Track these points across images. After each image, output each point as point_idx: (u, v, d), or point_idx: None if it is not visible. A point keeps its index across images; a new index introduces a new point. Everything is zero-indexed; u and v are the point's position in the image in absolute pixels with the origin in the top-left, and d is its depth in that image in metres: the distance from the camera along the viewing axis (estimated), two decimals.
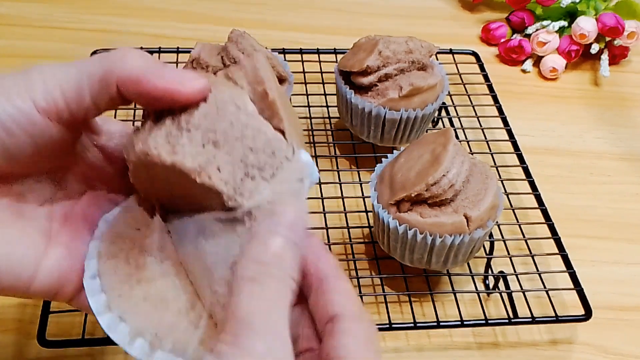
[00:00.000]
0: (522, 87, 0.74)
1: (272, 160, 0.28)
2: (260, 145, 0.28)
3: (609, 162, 0.66)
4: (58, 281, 0.30)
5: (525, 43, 0.75)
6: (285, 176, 0.28)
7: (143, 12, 0.78)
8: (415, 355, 0.48)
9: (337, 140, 0.64)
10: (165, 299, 0.29)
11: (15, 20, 0.74)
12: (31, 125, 0.27)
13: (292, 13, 0.81)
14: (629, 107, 0.73)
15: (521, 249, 0.54)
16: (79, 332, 0.45)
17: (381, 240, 0.50)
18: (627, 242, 0.58)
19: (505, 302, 0.50)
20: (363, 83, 0.55)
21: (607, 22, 0.72)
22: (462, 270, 0.53)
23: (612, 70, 0.75)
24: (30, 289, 0.29)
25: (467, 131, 0.64)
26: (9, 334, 0.46)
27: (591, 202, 0.61)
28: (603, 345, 0.50)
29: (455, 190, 0.45)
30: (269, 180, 0.28)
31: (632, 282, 0.55)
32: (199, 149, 0.27)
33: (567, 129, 0.69)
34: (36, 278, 0.30)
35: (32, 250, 0.30)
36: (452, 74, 0.68)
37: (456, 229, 0.45)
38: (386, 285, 0.52)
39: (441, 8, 0.85)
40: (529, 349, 0.49)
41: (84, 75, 0.27)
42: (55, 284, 0.30)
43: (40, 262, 0.30)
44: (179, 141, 0.27)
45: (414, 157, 0.47)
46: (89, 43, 0.70)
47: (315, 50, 0.68)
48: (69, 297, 0.31)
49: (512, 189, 0.58)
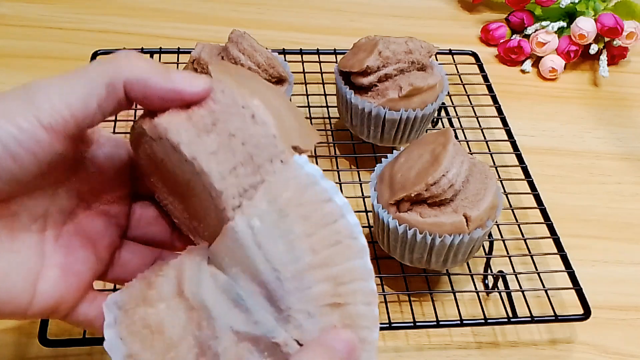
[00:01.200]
0: (521, 88, 0.74)
1: (262, 157, 0.28)
2: (252, 142, 0.28)
3: (608, 162, 0.66)
4: (55, 303, 0.30)
5: (525, 43, 0.75)
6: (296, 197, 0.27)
7: (143, 12, 0.78)
8: (415, 355, 0.48)
9: (337, 140, 0.64)
10: (161, 327, 0.28)
11: (15, 20, 0.74)
12: (36, 144, 0.26)
13: (292, 13, 0.81)
14: (628, 107, 0.73)
15: (520, 248, 0.54)
16: (80, 331, 0.45)
17: (381, 240, 0.50)
18: (626, 242, 0.58)
19: (505, 302, 0.50)
20: (363, 83, 0.55)
21: (606, 22, 0.72)
22: (462, 270, 0.53)
23: (611, 71, 0.75)
24: (27, 312, 0.29)
25: (466, 131, 0.64)
26: (11, 333, 0.46)
27: (590, 202, 0.61)
28: (602, 344, 0.50)
29: (455, 190, 0.45)
30: (261, 181, 0.28)
31: (631, 282, 0.55)
32: (197, 138, 0.27)
33: (566, 129, 0.69)
34: (33, 303, 0.29)
35: (29, 276, 0.29)
36: (452, 74, 0.68)
37: (456, 229, 0.45)
38: (386, 284, 0.52)
39: (441, 8, 0.85)
40: (528, 349, 0.49)
41: (90, 83, 0.27)
42: (52, 305, 0.30)
43: (36, 287, 0.29)
44: (182, 125, 0.27)
45: (413, 157, 0.47)
46: (89, 43, 0.70)
47: (315, 51, 0.68)
48: (64, 315, 0.31)
49: (511, 188, 0.58)
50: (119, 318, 0.29)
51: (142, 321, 0.28)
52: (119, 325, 0.29)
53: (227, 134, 0.28)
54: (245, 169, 0.27)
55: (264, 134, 0.28)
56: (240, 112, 0.28)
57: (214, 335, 0.27)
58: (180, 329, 0.27)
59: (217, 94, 0.28)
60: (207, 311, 0.27)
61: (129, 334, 0.28)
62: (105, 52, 0.64)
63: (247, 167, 0.27)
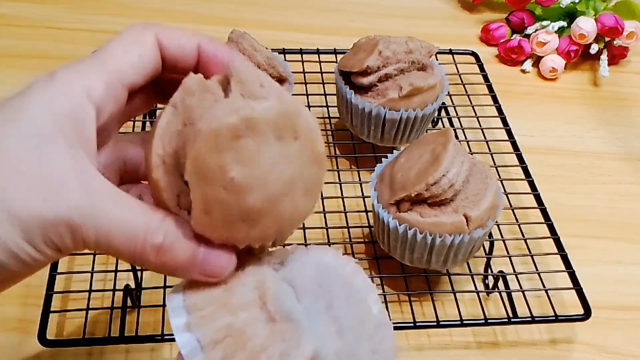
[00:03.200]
0: (521, 87, 0.74)
1: None
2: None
3: (608, 162, 0.66)
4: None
5: (525, 43, 0.75)
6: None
7: (143, 12, 0.78)
8: (415, 355, 0.48)
9: (337, 140, 0.64)
10: (244, 337, 0.26)
11: (15, 20, 0.74)
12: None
13: (292, 13, 0.81)
14: (628, 107, 0.73)
15: (521, 248, 0.54)
16: (79, 331, 0.45)
17: (381, 240, 0.50)
18: (626, 242, 0.58)
19: (505, 302, 0.50)
20: (363, 83, 0.55)
21: (606, 22, 0.72)
22: (462, 270, 0.53)
23: (612, 71, 0.75)
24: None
25: (466, 131, 0.64)
26: (10, 333, 0.46)
27: (590, 202, 0.61)
28: (602, 344, 0.50)
29: (455, 190, 0.45)
30: None
31: (631, 282, 0.55)
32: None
33: (566, 129, 0.69)
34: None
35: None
36: (452, 74, 0.68)
37: (456, 229, 0.45)
38: (386, 284, 0.52)
39: (441, 8, 0.85)
40: (529, 349, 0.49)
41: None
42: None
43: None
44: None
45: (414, 157, 0.47)
46: (89, 43, 0.70)
47: (315, 50, 0.68)
48: None
49: (511, 188, 0.58)
50: (193, 321, 0.27)
51: (225, 329, 0.27)
52: (196, 330, 0.27)
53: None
54: None
55: None
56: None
57: (297, 345, 0.26)
58: (264, 340, 0.26)
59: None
60: (292, 323, 0.27)
61: (210, 342, 0.26)
62: None
63: None
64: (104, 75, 0.26)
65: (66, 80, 0.26)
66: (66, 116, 0.25)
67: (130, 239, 0.25)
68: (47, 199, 0.24)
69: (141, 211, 0.25)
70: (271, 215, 0.26)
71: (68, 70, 0.26)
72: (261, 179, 0.25)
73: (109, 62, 0.27)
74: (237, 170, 0.24)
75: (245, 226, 0.26)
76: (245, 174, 0.25)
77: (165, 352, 0.46)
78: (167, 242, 0.25)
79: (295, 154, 0.26)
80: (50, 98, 0.25)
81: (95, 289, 0.48)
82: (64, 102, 0.25)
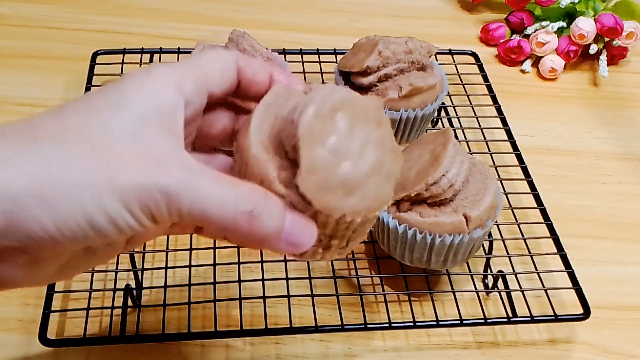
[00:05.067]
0: (521, 88, 0.74)
1: None
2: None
3: (608, 162, 0.66)
4: None
5: (525, 43, 0.75)
6: None
7: (143, 12, 0.78)
8: (414, 355, 0.48)
9: None
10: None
11: (15, 20, 0.74)
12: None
13: (292, 13, 0.81)
14: (628, 107, 0.73)
15: (520, 248, 0.54)
16: (80, 331, 0.45)
17: (381, 239, 0.50)
18: (626, 242, 0.58)
19: (505, 302, 0.50)
20: (363, 83, 0.55)
21: (605, 22, 0.72)
22: (462, 270, 0.53)
23: (611, 71, 0.75)
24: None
25: (466, 131, 0.64)
26: (11, 333, 0.46)
27: (590, 202, 0.62)
28: (602, 344, 0.50)
29: (455, 190, 0.45)
30: None
31: (631, 282, 0.55)
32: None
33: (566, 129, 0.69)
34: None
35: None
36: (452, 74, 0.68)
37: (455, 229, 0.45)
38: (386, 284, 0.52)
39: (441, 8, 0.85)
40: (528, 348, 0.49)
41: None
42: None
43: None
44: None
45: (413, 157, 0.47)
46: (89, 43, 0.70)
47: (315, 51, 0.68)
48: None
49: (511, 188, 0.58)
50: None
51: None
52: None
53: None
54: None
55: None
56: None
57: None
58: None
59: None
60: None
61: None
62: (105, 52, 0.64)
63: None
64: (193, 76, 0.29)
65: (161, 73, 0.28)
66: (163, 104, 0.28)
67: (223, 208, 0.27)
68: (149, 172, 0.26)
69: (232, 184, 0.27)
70: (363, 189, 0.28)
71: (163, 66, 0.29)
72: (354, 153, 0.28)
73: (198, 66, 0.30)
74: (337, 135, 0.28)
75: (341, 193, 0.28)
76: (342, 142, 0.28)
77: (166, 352, 0.46)
78: (256, 211, 0.27)
79: (379, 140, 0.29)
80: (149, 87, 0.28)
81: (96, 288, 0.48)
82: (160, 92, 0.28)
